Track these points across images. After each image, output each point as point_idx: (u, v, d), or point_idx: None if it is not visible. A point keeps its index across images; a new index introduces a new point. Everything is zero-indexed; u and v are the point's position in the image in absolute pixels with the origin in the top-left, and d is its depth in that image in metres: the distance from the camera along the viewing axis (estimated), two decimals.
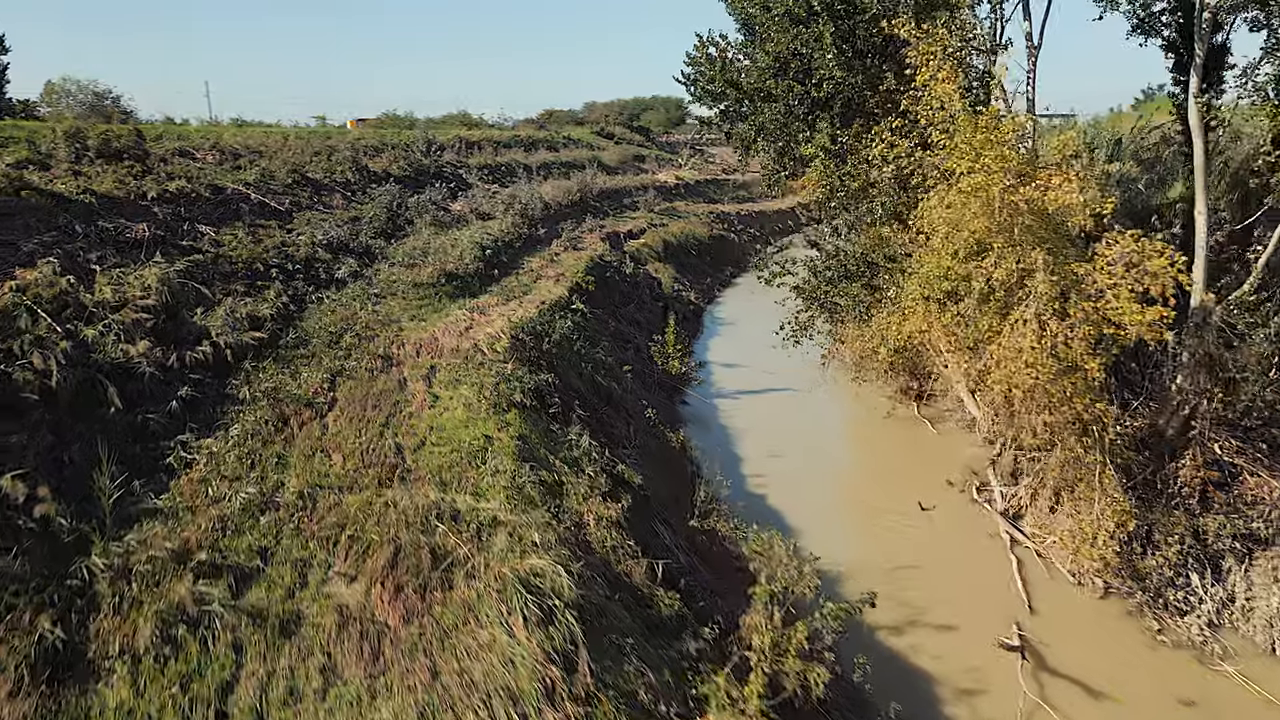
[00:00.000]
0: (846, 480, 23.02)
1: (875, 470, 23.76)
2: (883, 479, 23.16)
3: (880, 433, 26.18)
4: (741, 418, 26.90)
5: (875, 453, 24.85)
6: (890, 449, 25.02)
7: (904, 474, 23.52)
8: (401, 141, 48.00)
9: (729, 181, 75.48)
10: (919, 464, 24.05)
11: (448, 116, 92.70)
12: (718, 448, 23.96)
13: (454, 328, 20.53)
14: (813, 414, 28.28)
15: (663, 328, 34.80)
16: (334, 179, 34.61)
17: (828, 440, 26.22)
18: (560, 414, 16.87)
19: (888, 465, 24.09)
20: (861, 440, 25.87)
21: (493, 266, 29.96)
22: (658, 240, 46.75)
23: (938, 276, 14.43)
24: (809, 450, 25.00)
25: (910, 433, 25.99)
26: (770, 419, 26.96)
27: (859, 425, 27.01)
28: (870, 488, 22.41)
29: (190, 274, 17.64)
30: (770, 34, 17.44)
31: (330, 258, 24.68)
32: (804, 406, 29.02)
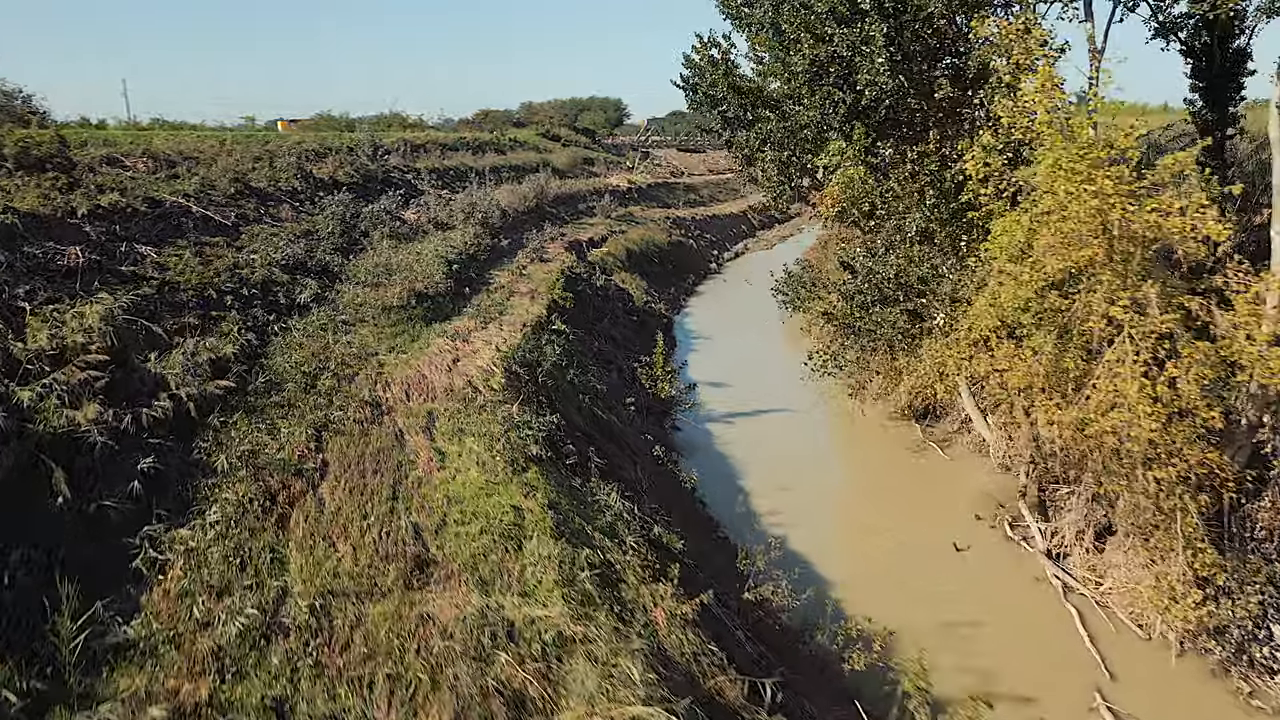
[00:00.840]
0: (864, 515, 21.29)
1: (892, 502, 22.09)
2: (903, 513, 21.51)
3: (886, 457, 24.58)
4: (739, 445, 25.04)
5: (886, 482, 23.20)
6: (902, 477, 23.41)
7: (924, 506, 21.93)
8: (344, 145, 45.02)
9: (679, 185, 73.78)
10: (936, 494, 22.51)
11: (381, 117, 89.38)
12: (722, 481, 22.08)
13: (440, 361, 18.24)
14: (812, 438, 26.57)
15: (643, 345, 32.86)
16: (279, 188, 31.75)
17: (833, 468, 24.53)
18: (578, 464, 14.76)
19: (904, 496, 22.45)
20: (869, 467, 24.21)
21: (462, 283, 27.62)
22: (620, 249, 44.76)
23: (1016, 308, 12.75)
24: (817, 481, 23.29)
25: (917, 457, 24.45)
26: (769, 445, 25.16)
27: (863, 449, 25.40)
28: (893, 524, 20.73)
29: (136, 308, 15.04)
30: (807, 35, 15.65)
31: (288, 279, 22.10)
32: (801, 429, 27.31)
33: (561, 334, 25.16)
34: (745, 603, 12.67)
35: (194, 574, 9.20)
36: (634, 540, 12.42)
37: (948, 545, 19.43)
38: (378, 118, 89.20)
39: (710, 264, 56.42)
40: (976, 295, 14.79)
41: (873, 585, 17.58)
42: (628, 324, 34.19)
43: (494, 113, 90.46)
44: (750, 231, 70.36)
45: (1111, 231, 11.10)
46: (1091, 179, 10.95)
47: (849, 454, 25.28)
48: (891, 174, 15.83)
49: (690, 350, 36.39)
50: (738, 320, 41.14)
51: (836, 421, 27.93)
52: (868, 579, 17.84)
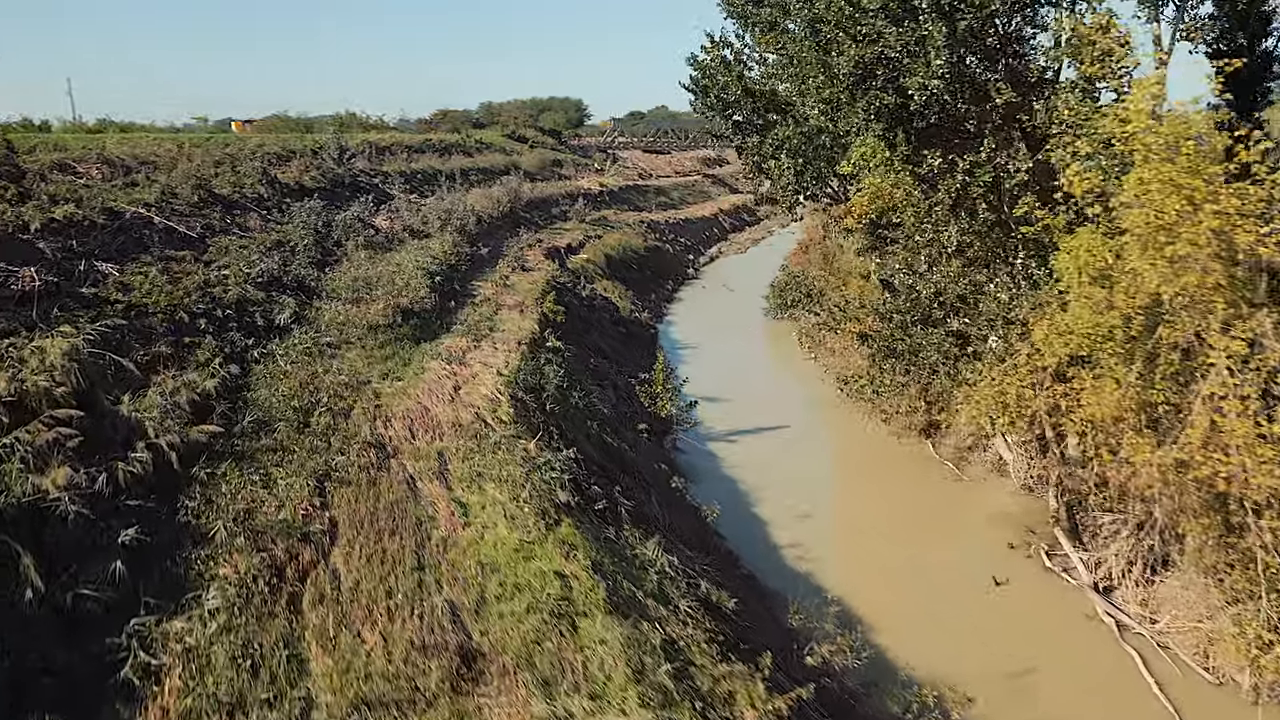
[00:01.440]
0: (888, 544, 20.00)
1: (915, 528, 20.87)
2: (929, 540, 20.33)
3: (901, 477, 23.40)
4: (746, 467, 23.67)
5: (905, 505, 21.97)
6: (921, 499, 22.23)
7: (949, 532, 20.78)
8: (307, 148, 42.91)
9: (649, 188, 72.39)
10: (959, 518, 21.38)
11: (337, 117, 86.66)
12: (734, 508, 20.69)
13: (440, 388, 16.63)
14: (820, 457, 25.34)
15: (632, 358, 31.41)
16: (244, 195, 29.75)
17: (848, 490, 23.25)
18: (608, 509, 13.28)
19: (927, 521, 21.27)
20: (885, 489, 22.96)
21: (446, 296, 25.94)
22: (599, 255, 43.26)
23: (1099, 335, 11.52)
24: (832, 506, 22.06)
25: (932, 477, 23.31)
26: (777, 466, 23.83)
27: (875, 468, 24.16)
28: (921, 553, 19.51)
29: (102, 339, 13.23)
30: (848, 36, 14.30)
31: (263, 297, 20.31)
32: (806, 447, 26.05)
33: (557, 351, 23.64)
34: (808, 668, 11.27)
35: (197, 684, 7.56)
36: (688, 605, 10.99)
37: (983, 576, 18.24)
38: (334, 118, 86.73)
39: (687, 269, 55.11)
40: (1038, 318, 13.58)
41: (913, 626, 16.32)
42: (615, 335, 32.70)
43: (453, 112, 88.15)
44: (722, 234, 69.21)
45: (1234, 256, 9.94)
46: (1215, 197, 9.76)
47: (862, 474, 24.02)
48: (940, 185, 14.57)
49: (679, 361, 34.90)
50: (722, 327, 39.83)
51: (841, 437, 26.75)
52: (906, 619, 16.57)
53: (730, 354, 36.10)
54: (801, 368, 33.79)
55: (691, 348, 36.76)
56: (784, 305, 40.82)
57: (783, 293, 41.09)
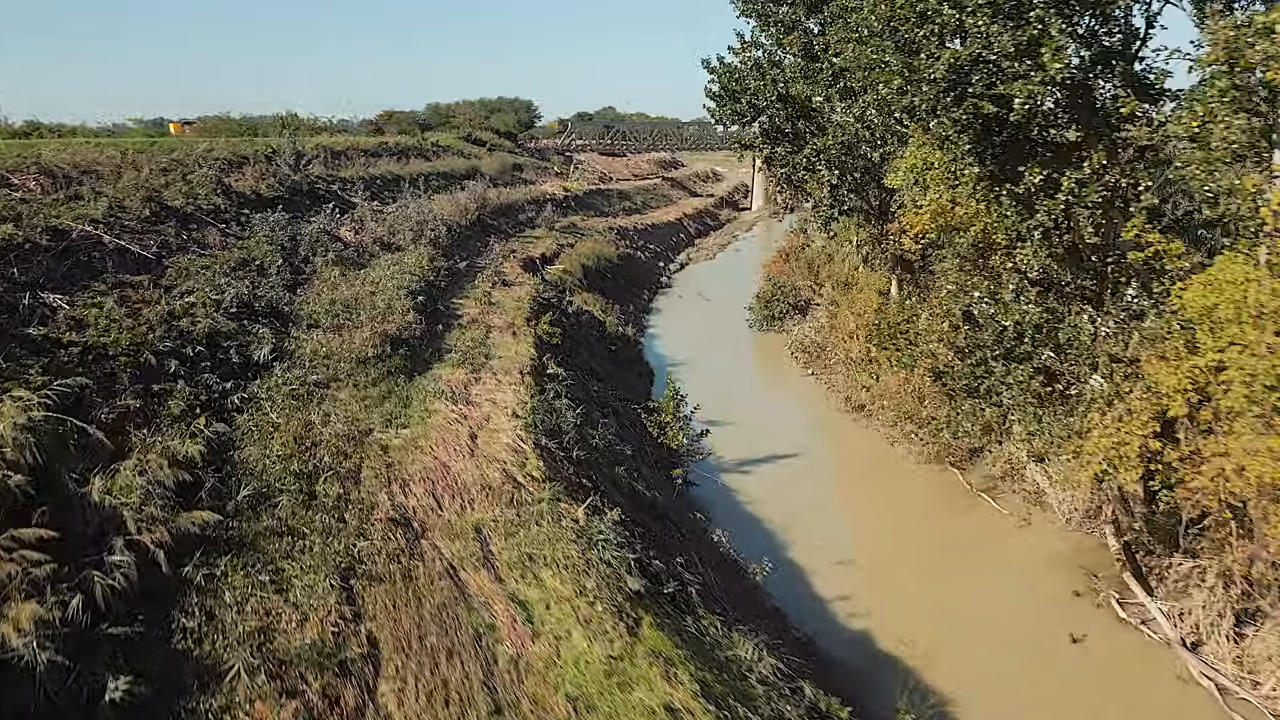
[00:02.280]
0: (943, 591, 18.27)
1: (966, 574, 19.25)
2: (985, 588, 18.70)
3: (936, 513, 21.76)
4: (766, 502, 21.79)
5: (949, 547, 20.30)
6: (964, 540, 20.60)
7: (1003, 578, 19.19)
8: (258, 152, 39.99)
9: (612, 192, 70.32)
10: (1010, 561, 19.78)
11: (279, 118, 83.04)
12: (767, 553, 18.73)
13: (453, 438, 14.43)
14: (844, 490, 23.55)
15: (624, 379, 29.38)
16: (199, 207, 26.99)
17: (883, 530, 21.44)
18: (679, 592, 11.26)
19: (976, 565, 19.66)
20: (924, 527, 21.25)
21: (432, 319, 23.68)
22: (575, 265, 41.12)
23: (1268, 384, 9.84)
24: (872, 549, 20.24)
25: (968, 511, 21.70)
26: (797, 500, 22.02)
27: (906, 503, 22.47)
28: (980, 602, 17.87)
29: (60, 400, 10.78)
30: (933, 37, 12.50)
31: (236, 328, 17.85)
32: (826, 479, 24.33)
33: (561, 380, 21.53)
34: None
35: None
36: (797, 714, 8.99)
37: (1053, 628, 16.65)
38: (275, 119, 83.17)
39: (660, 277, 53.22)
40: (1157, 357, 11.90)
41: (994, 692, 14.62)
42: (604, 354, 30.62)
43: (398, 113, 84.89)
44: (689, 240, 67.45)
45: None
46: None
47: (892, 508, 22.26)
48: (1039, 205, 12.79)
49: (669, 379, 32.92)
50: (708, 341, 37.96)
51: (858, 464, 25.04)
52: (985, 684, 14.87)
53: (722, 371, 34.23)
54: (800, 386, 32.07)
55: (680, 364, 34.77)
56: (771, 317, 39.18)
57: (769, 304, 39.43)
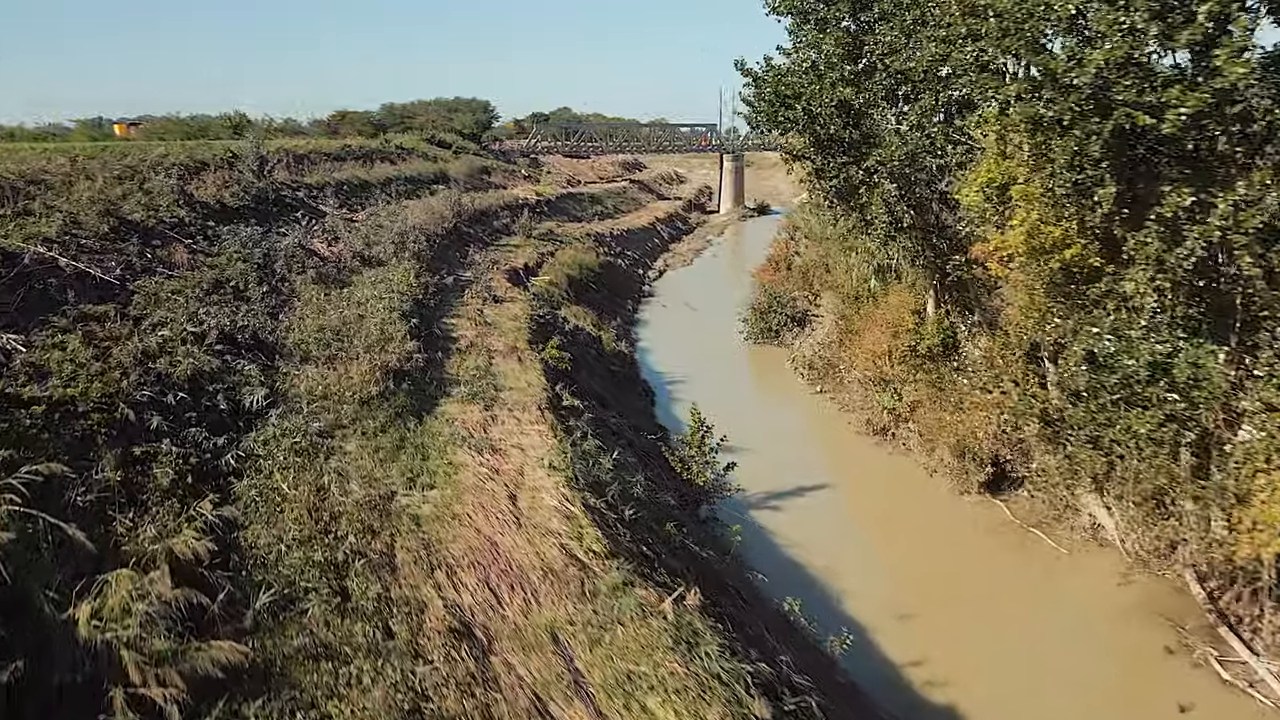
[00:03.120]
0: (1020, 648, 16.50)
1: (1038, 625, 17.53)
2: (1065, 643, 16.93)
3: (987, 551, 20.09)
4: (805, 546, 19.90)
5: (1010, 589, 18.64)
6: (1023, 582, 18.94)
7: (1078, 627, 17.42)
8: (218, 156, 37.30)
9: (583, 196, 68.21)
10: (1081, 606, 18.11)
11: (227, 118, 79.71)
12: (824, 609, 16.87)
13: (489, 500, 12.36)
14: (886, 526, 21.72)
15: (627, 402, 27.39)
16: (161, 219, 24.53)
17: (938, 574, 19.61)
18: (802, 709, 9.35)
19: (1046, 613, 17.98)
20: (977, 567, 19.57)
21: (428, 344, 21.49)
22: (560, 276, 39.04)
23: None
24: (930, 596, 18.41)
25: (1021, 549, 20.06)
26: (838, 542, 20.29)
27: (954, 539, 20.72)
28: (1065, 660, 16.12)
29: (27, 491, 8.48)
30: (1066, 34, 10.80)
31: (220, 366, 15.56)
32: (863, 512, 22.52)
33: (578, 413, 19.53)
34: None
35: None
36: None
37: (1153, 695, 14.99)
38: (223, 119, 79.78)
39: (641, 285, 51.31)
40: None
41: None
42: (604, 374, 28.58)
43: (352, 114, 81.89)
44: (663, 245, 65.55)
45: None
46: None
47: (942, 550, 20.49)
48: (1188, 232, 11.07)
49: (670, 399, 31.00)
50: (702, 355, 36.07)
51: (893, 496, 23.26)
52: None
53: (724, 388, 32.32)
54: (810, 405, 30.34)
55: (679, 382, 32.83)
56: (768, 330, 37.43)
57: (765, 316, 37.67)
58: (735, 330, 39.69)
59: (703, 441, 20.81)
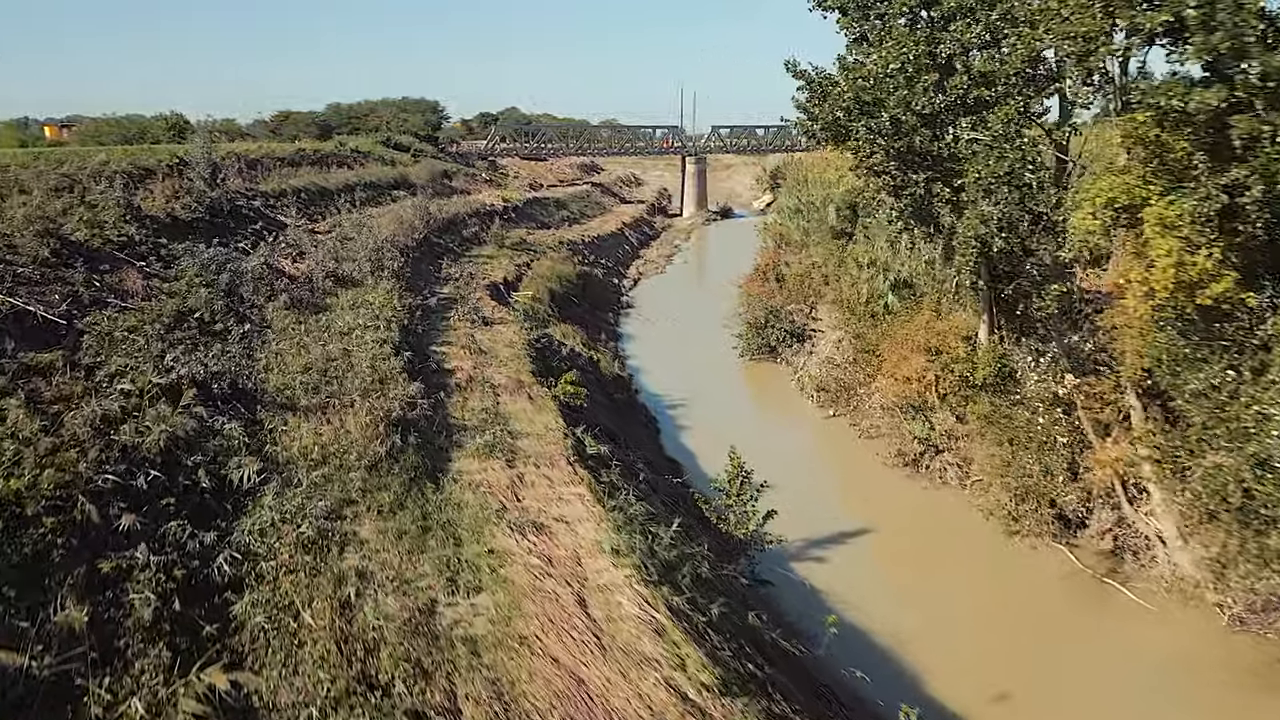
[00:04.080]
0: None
1: (1146, 704, 15.47)
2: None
3: (1058, 608, 18.21)
4: (859, 605, 17.69)
5: (1102, 658, 16.60)
6: (1108, 644, 16.99)
7: (1193, 707, 15.47)
8: (163, 163, 34.02)
9: (549, 200, 65.56)
10: (1187, 679, 16.17)
11: (163, 118, 75.60)
12: (911, 692, 14.68)
13: (555, 610, 9.97)
14: (948, 577, 19.57)
15: (634, 434, 25.00)
16: (108, 239, 21.51)
17: (1015, 638, 17.60)
18: None
19: (1150, 688, 15.91)
20: (1055, 628, 17.65)
21: (427, 382, 18.80)
22: (542, 290, 36.47)
23: None
24: (1018, 666, 16.35)
25: (1101, 603, 18.18)
26: (897, 598, 18.20)
27: (1030, 593, 18.83)
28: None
29: None
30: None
31: (195, 427, 12.78)
32: (916, 559, 20.36)
33: (608, 463, 17.17)
34: None
35: None
36: None
37: None
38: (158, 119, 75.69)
39: (620, 296, 48.93)
40: None
41: None
42: (606, 404, 26.11)
43: (296, 114, 78.23)
44: (634, 252, 63.19)
45: None
46: None
47: (1013, 608, 18.54)
48: None
49: (675, 427, 28.67)
50: (696, 374, 33.78)
51: (946, 543, 21.18)
52: None
53: (727, 413, 30.13)
54: (826, 432, 28.29)
55: (679, 406, 30.51)
56: (766, 345, 35.29)
57: (761, 330, 35.51)
58: (726, 345, 37.55)
59: (741, 487, 18.50)
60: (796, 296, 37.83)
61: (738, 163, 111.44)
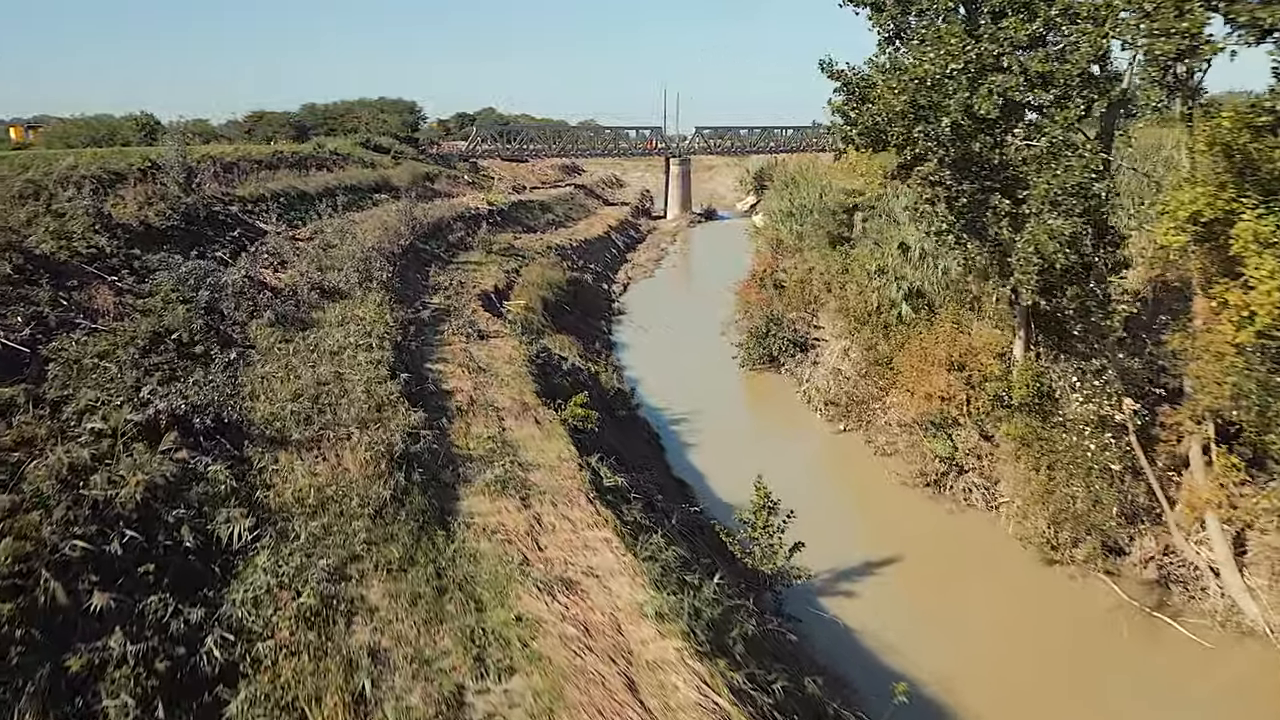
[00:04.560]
0: None
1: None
2: None
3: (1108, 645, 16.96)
4: (899, 650, 16.48)
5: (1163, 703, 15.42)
6: (1169, 687, 15.83)
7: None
8: (135, 166, 32.35)
9: (534, 204, 64.03)
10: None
11: (133, 118, 73.48)
12: None
13: (602, 697, 8.61)
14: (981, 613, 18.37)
15: (638, 452, 23.65)
16: (76, 251, 20.01)
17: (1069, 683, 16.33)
18: None
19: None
20: (1109, 669, 16.37)
21: (428, 409, 17.37)
22: (534, 298, 35.06)
23: None
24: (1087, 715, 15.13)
25: (1146, 637, 17.05)
26: (935, 635, 17.00)
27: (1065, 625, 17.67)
28: None
29: None
30: None
31: (176, 472, 11.30)
32: (949, 595, 19.13)
33: (626, 496, 15.86)
34: None
35: None
36: None
37: None
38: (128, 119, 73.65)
39: (611, 302, 47.59)
40: None
41: None
42: (611, 423, 24.68)
43: (271, 115, 76.24)
44: (621, 256, 61.83)
45: None
46: None
47: (1061, 645, 17.27)
48: None
49: (680, 444, 27.37)
50: (695, 386, 32.47)
51: (979, 572, 19.99)
52: None
53: (731, 427, 28.96)
54: (836, 447, 27.11)
55: (681, 421, 29.22)
56: (768, 355, 34.05)
57: (763, 340, 34.25)
58: (724, 353, 36.34)
59: (768, 519, 17.20)
60: (796, 304, 36.61)
61: (720, 164, 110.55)
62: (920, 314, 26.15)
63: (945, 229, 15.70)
